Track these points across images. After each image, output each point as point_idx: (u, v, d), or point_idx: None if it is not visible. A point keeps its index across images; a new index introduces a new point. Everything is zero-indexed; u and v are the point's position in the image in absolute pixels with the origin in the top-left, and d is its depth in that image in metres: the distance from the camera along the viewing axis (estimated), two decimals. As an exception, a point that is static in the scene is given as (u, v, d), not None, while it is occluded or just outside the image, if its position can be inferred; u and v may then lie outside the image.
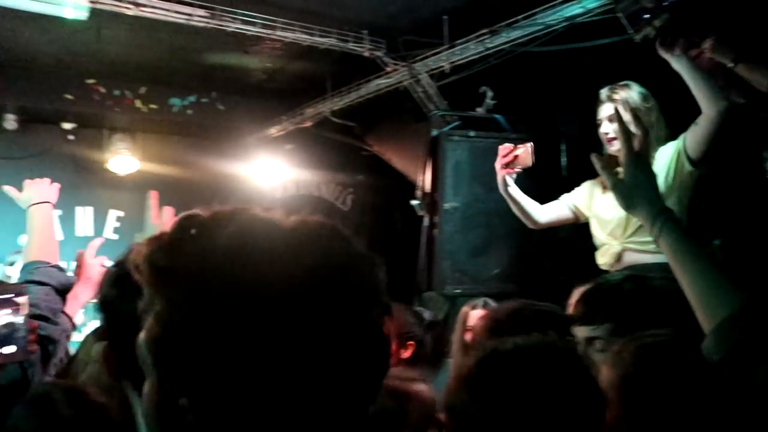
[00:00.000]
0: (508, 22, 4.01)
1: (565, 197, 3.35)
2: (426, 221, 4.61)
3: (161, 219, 1.82)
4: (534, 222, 3.33)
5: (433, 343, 3.13)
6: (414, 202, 4.67)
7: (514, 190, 3.24)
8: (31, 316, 1.74)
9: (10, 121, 5.84)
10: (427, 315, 3.11)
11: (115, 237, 6.36)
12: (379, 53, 4.80)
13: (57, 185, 2.39)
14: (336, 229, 0.77)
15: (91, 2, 3.87)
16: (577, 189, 3.33)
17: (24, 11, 4.01)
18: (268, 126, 6.33)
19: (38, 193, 2.31)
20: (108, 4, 3.92)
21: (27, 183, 2.37)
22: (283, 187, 7.13)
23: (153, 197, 1.86)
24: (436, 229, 4.49)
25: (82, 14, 3.93)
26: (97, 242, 2.39)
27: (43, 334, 1.88)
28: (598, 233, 3.15)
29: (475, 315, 3.23)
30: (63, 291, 2.11)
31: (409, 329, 3.01)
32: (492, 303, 3.28)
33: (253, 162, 6.66)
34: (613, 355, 1.37)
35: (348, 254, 0.75)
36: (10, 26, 4.65)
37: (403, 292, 5.08)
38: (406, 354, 2.99)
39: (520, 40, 4.02)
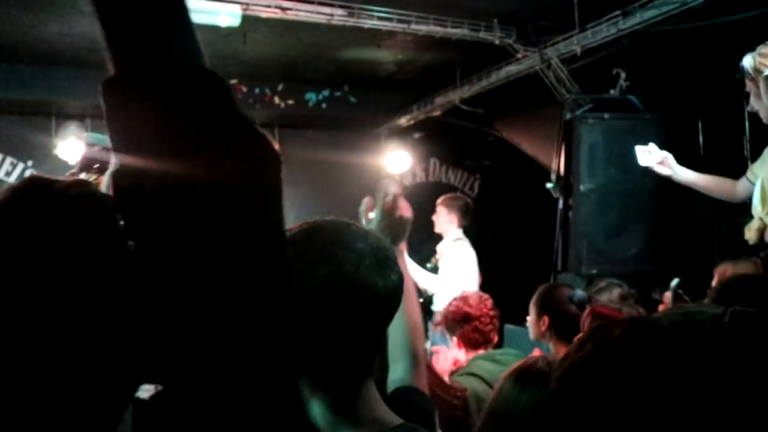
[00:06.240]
0: (642, 2, 4.01)
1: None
2: (561, 204, 4.68)
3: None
4: (730, 195, 3.32)
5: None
6: (549, 185, 4.75)
7: (688, 176, 3.25)
8: None
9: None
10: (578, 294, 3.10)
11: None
12: (509, 41, 4.89)
13: None
14: None
15: (243, 9, 4.21)
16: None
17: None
18: (398, 116, 6.56)
19: None
20: (258, 9, 4.25)
21: None
22: (412, 175, 7.36)
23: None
24: (571, 211, 4.56)
25: (236, 21, 4.28)
26: None
27: None
28: (756, 202, 3.07)
29: None
30: None
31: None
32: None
33: (383, 151, 6.92)
34: None
35: None
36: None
37: (539, 273, 5.18)
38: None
39: (654, 20, 4.01)
